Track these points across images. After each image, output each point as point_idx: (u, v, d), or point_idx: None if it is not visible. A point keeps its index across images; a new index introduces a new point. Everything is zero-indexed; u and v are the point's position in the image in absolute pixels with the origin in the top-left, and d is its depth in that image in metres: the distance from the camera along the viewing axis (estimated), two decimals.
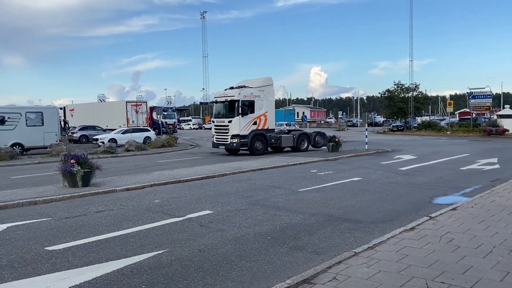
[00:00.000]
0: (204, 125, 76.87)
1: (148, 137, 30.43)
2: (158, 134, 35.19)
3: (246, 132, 21.18)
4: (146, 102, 43.34)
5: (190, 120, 78.78)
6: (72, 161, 11.12)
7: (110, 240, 6.65)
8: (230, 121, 21.34)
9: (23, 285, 4.84)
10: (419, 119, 60.49)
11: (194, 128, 72.48)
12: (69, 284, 4.80)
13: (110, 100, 58.54)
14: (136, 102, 41.76)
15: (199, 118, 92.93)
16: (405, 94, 53.75)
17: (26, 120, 23.72)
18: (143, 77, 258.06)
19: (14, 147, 22.38)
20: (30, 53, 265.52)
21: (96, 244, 6.41)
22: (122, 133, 30.61)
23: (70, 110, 47.14)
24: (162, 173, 14.48)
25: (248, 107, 21.19)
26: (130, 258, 5.72)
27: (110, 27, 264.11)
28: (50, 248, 6.21)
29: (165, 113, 51.94)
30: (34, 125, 24.09)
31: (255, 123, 21.59)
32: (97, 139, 29.66)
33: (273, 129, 23.05)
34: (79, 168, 11.06)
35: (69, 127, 37.22)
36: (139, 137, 29.23)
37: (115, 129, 33.37)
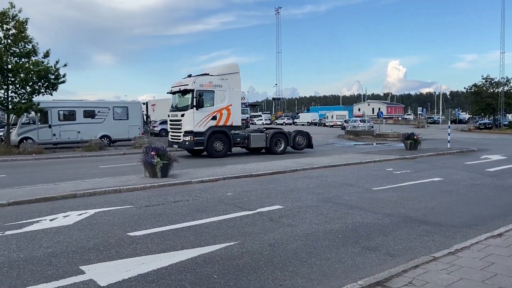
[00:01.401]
0: (276, 121, 77.36)
1: None
2: None
3: (202, 129, 17.93)
4: None
5: (260, 116, 79.72)
6: (153, 153, 11.80)
7: (185, 229, 6.95)
8: (182, 115, 18.19)
9: (107, 267, 5.23)
10: (510, 116, 55.31)
11: (266, 124, 73.21)
12: (148, 269, 5.09)
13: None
14: None
15: (268, 113, 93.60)
16: (494, 89, 49.45)
17: (113, 114, 25.68)
18: None
19: (103, 139, 24.33)
20: (117, 52, 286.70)
21: (173, 232, 6.73)
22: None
23: (151, 105, 50.07)
24: (234, 167, 14.81)
25: (205, 98, 17.97)
26: (203, 248, 5.92)
27: (189, 26, 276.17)
28: (131, 234, 6.65)
29: None
30: (120, 119, 26.00)
31: (214, 118, 18.24)
32: None
33: (239, 126, 19.47)
34: (158, 159, 11.71)
35: (150, 121, 39.65)
36: None
37: None
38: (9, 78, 20.36)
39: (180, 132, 18.26)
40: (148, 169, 12.03)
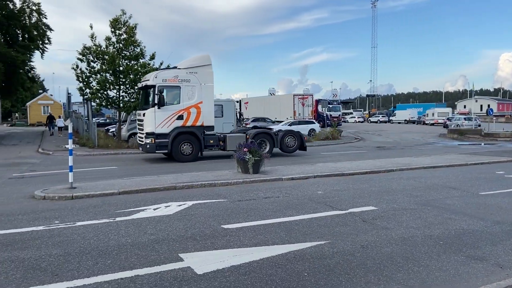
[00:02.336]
0: (369, 118, 74.53)
1: (313, 130, 31.10)
2: (322, 126, 35.67)
3: (165, 130, 16.07)
4: (312, 95, 44.27)
5: (351, 113, 77.46)
6: (245, 149, 12.14)
7: (275, 225, 7.03)
8: (144, 115, 16.50)
9: (203, 256, 5.51)
10: None
11: (359, 121, 70.97)
12: (240, 261, 5.25)
13: (279, 93, 61.82)
14: (303, 95, 43.04)
15: (361, 111, 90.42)
16: None
17: None
18: (310, 70, 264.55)
19: None
20: (212, 53, 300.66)
21: (264, 228, 6.86)
22: (288, 125, 32.02)
23: (245, 103, 51.62)
24: (325, 165, 14.60)
25: (169, 95, 16.27)
26: (294, 245, 5.93)
27: (282, 24, 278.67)
28: (225, 226, 6.92)
29: (330, 106, 52.21)
30: (216, 117, 27.10)
31: (180, 118, 16.23)
32: None
33: (211, 126, 17.12)
34: (250, 156, 12.02)
35: (243, 119, 40.86)
36: (304, 129, 30.07)
37: (282, 121, 35.15)
38: (121, 79, 22.51)
39: (143, 134, 16.52)
40: (241, 165, 12.42)
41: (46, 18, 35.41)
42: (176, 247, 5.89)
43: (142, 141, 16.67)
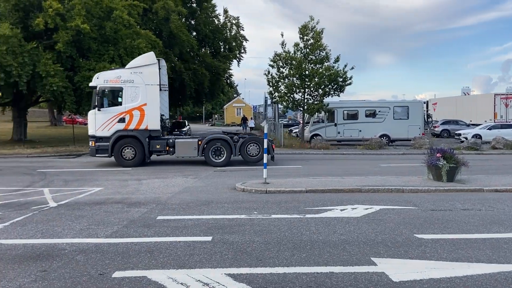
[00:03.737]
0: None
1: None
2: None
3: (106, 133, 15.37)
4: None
5: None
6: (438, 155, 11.19)
7: (479, 241, 6.28)
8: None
9: (396, 264, 5.33)
10: None
11: None
12: (440, 275, 4.88)
13: (474, 93, 54.79)
14: (507, 94, 37.13)
15: None
16: None
17: (393, 114, 25.84)
18: None
19: (382, 138, 24.87)
20: (396, 51, 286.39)
21: (464, 242, 6.20)
22: (488, 128, 28.13)
23: (432, 104, 47.61)
24: None
25: (110, 96, 15.57)
26: (505, 265, 5.19)
27: (479, 15, 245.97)
28: (419, 236, 6.53)
29: None
30: (400, 118, 25.91)
31: (121, 121, 15.42)
32: (459, 134, 28.69)
33: (157, 130, 15.84)
34: (444, 162, 11.01)
35: (431, 121, 37.72)
36: (508, 134, 25.89)
37: (480, 124, 31.06)
38: (306, 83, 23.58)
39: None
40: (432, 172, 11.50)
41: (243, 30, 39.84)
42: (367, 250, 5.85)
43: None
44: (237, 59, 40.77)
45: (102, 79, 15.62)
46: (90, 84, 16.07)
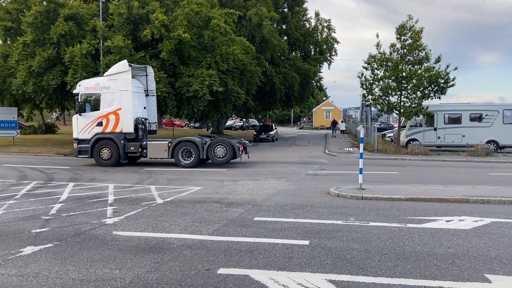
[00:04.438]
0: None
1: None
2: None
3: (87, 136, 16.83)
4: None
5: None
6: None
7: None
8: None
9: (510, 282, 4.84)
10: None
11: None
12: None
13: None
14: None
15: None
16: None
17: (503, 118, 23.45)
18: None
19: (489, 144, 22.68)
20: (504, 49, 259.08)
21: None
22: None
23: None
24: None
25: (90, 102, 16.98)
26: None
27: None
28: None
29: None
30: (511, 123, 23.40)
31: (100, 124, 16.73)
32: None
33: (131, 133, 16.79)
34: None
35: None
36: None
37: None
38: (403, 85, 22.46)
39: None
40: None
41: (334, 32, 39.30)
42: (480, 266, 5.39)
43: None
44: (328, 61, 40.35)
45: (83, 87, 17.03)
46: (73, 91, 17.57)
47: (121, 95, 16.63)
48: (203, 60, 24.36)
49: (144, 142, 16.87)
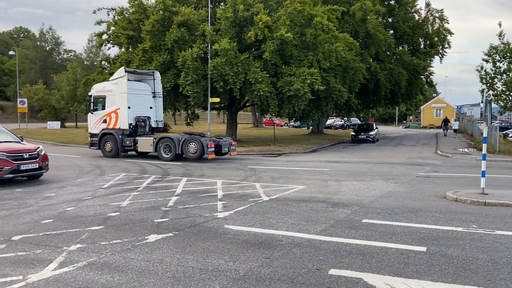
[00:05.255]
0: None
1: None
2: None
3: (96, 131, 19.65)
4: None
5: None
6: None
7: None
8: None
9: None
10: None
11: None
12: None
13: None
14: None
15: None
16: None
17: None
18: None
19: None
20: None
21: None
22: None
23: None
24: None
25: (96, 103, 19.70)
26: None
27: None
28: None
29: None
30: None
31: (105, 121, 19.37)
32: None
33: (126, 129, 18.99)
34: None
35: None
36: None
37: None
38: None
39: None
40: None
41: (448, 23, 36.24)
42: None
43: None
44: (440, 55, 37.35)
45: (95, 90, 20.00)
46: (88, 94, 20.48)
47: (120, 96, 19.02)
48: (305, 58, 24.32)
49: (136, 138, 19.01)
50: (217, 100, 24.24)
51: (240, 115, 65.37)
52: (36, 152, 12.13)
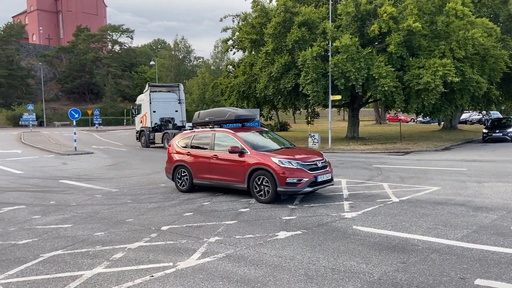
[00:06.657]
0: None
1: None
2: None
3: (138, 128, 28.01)
4: None
5: None
6: None
7: None
8: None
9: None
10: None
11: None
12: None
13: None
14: None
15: None
16: None
17: None
18: None
19: None
20: None
21: None
22: None
23: None
24: None
25: (138, 109, 27.93)
26: None
27: None
28: None
29: None
30: None
31: (141, 122, 27.52)
32: None
33: (150, 127, 26.51)
34: None
35: None
36: None
37: None
38: None
39: None
40: None
41: None
42: None
43: None
44: None
45: (138, 99, 28.36)
46: (135, 102, 29.33)
47: (146, 104, 26.67)
48: (436, 49, 22.41)
49: (153, 134, 26.28)
50: (338, 97, 23.81)
51: (361, 111, 63.26)
52: (324, 159, 10.01)
